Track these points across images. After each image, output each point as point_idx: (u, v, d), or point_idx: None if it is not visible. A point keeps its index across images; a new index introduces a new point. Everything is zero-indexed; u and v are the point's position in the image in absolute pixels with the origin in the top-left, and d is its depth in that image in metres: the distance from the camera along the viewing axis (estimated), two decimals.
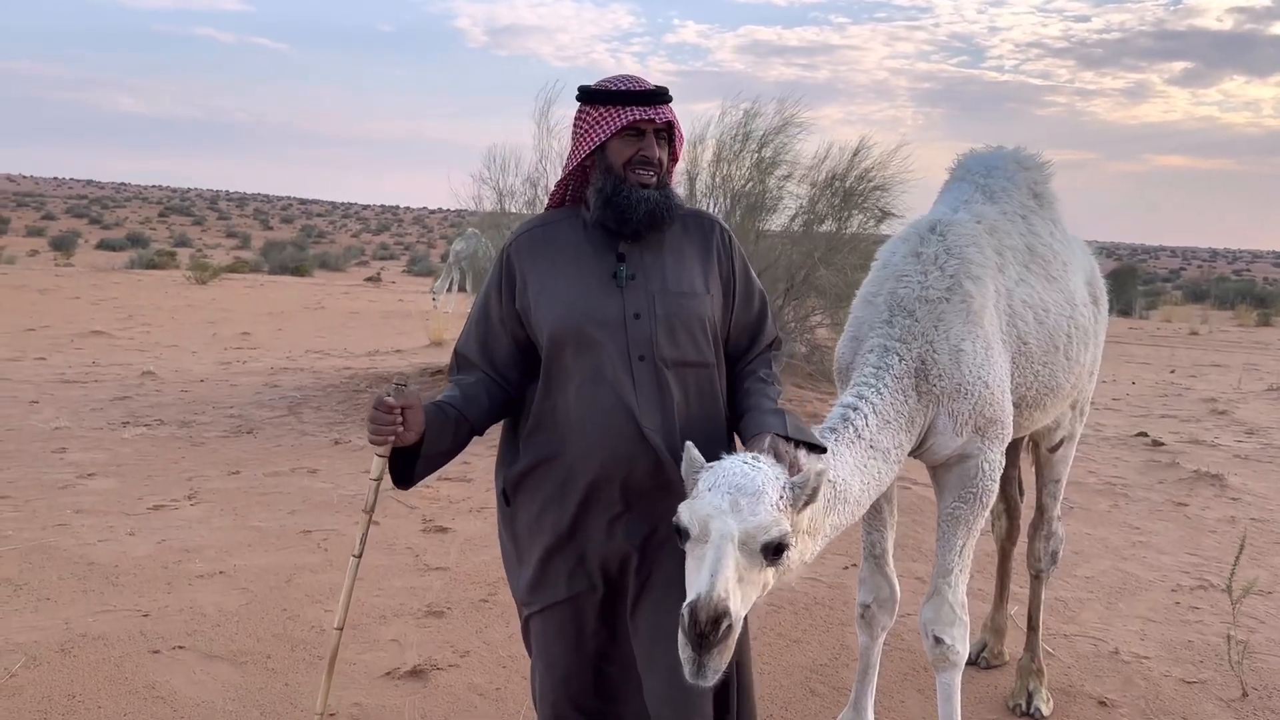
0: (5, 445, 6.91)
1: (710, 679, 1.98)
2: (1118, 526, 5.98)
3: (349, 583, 2.44)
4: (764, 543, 2.03)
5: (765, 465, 2.12)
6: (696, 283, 2.35)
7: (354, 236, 59.89)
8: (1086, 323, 3.27)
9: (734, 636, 1.98)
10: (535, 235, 2.42)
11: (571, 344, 2.29)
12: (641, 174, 2.32)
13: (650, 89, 2.33)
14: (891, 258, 3.00)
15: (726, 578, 1.96)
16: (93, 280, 20.46)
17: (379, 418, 2.22)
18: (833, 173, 8.73)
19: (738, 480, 2.07)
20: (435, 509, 5.69)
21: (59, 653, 3.74)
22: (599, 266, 2.34)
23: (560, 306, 2.31)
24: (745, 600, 2.04)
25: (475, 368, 2.42)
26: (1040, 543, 3.77)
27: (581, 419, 2.28)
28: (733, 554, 2.00)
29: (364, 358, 12.00)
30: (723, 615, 1.92)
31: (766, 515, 2.04)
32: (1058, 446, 3.67)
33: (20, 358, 10.89)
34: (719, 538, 2.01)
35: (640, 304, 2.31)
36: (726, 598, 1.94)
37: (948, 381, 2.75)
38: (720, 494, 2.06)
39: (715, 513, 2.04)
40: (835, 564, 5.01)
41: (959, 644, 2.85)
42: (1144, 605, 4.71)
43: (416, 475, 2.35)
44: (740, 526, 2.01)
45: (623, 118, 2.30)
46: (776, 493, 2.08)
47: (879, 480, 2.60)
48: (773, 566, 2.08)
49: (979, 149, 3.55)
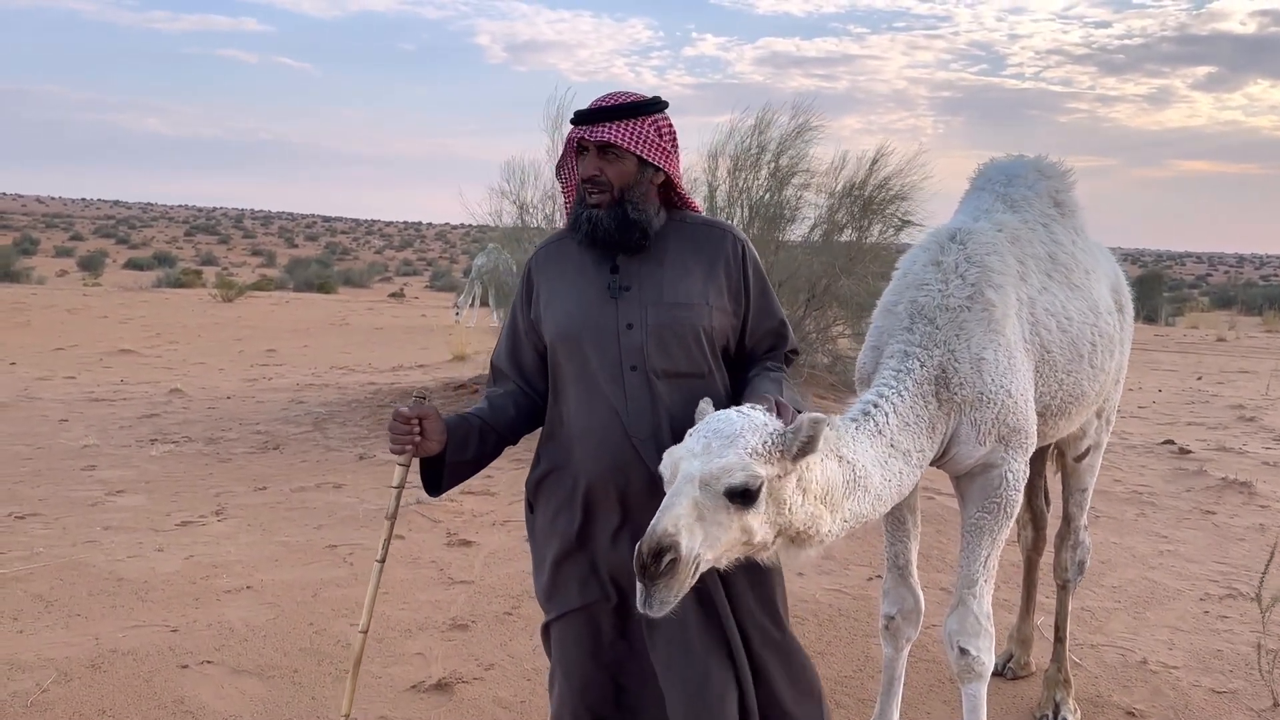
0: (36, 463, 7.00)
1: (656, 609, 2.04)
2: (1145, 535, 5.93)
3: (373, 587, 2.54)
4: (728, 485, 2.07)
5: (756, 414, 2.17)
6: (694, 293, 2.37)
7: (377, 253, 60.26)
8: (1111, 330, 3.25)
9: (682, 572, 2.03)
10: (552, 250, 2.51)
11: (567, 354, 2.37)
12: (590, 193, 2.37)
13: (590, 108, 2.35)
14: (912, 266, 3.00)
15: (676, 515, 2.02)
16: (120, 299, 20.68)
17: (397, 427, 2.32)
18: (851, 181, 8.72)
19: (718, 425, 2.14)
20: (459, 523, 5.71)
21: (89, 668, 3.78)
22: (596, 279, 2.40)
23: (561, 317, 2.38)
24: (710, 542, 2.07)
25: (507, 378, 2.51)
26: (1066, 552, 3.75)
27: (580, 428, 2.35)
28: (690, 494, 2.06)
29: (388, 373, 12.07)
30: (666, 549, 1.99)
31: (733, 459, 2.07)
32: (1083, 455, 3.65)
33: (50, 376, 11.02)
34: (681, 479, 2.08)
35: (633, 315, 2.35)
36: (674, 534, 2.00)
37: (969, 390, 2.75)
38: (697, 438, 2.13)
39: (686, 455, 2.11)
40: (859, 575, 5.00)
41: (984, 655, 2.84)
42: (1172, 614, 4.66)
43: (445, 483, 2.43)
44: (703, 469, 2.07)
45: (572, 137, 2.38)
46: (758, 438, 2.11)
47: (900, 481, 2.59)
48: (745, 512, 2.10)
49: (1000, 158, 3.54)
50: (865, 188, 8.72)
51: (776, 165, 8.54)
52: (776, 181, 8.56)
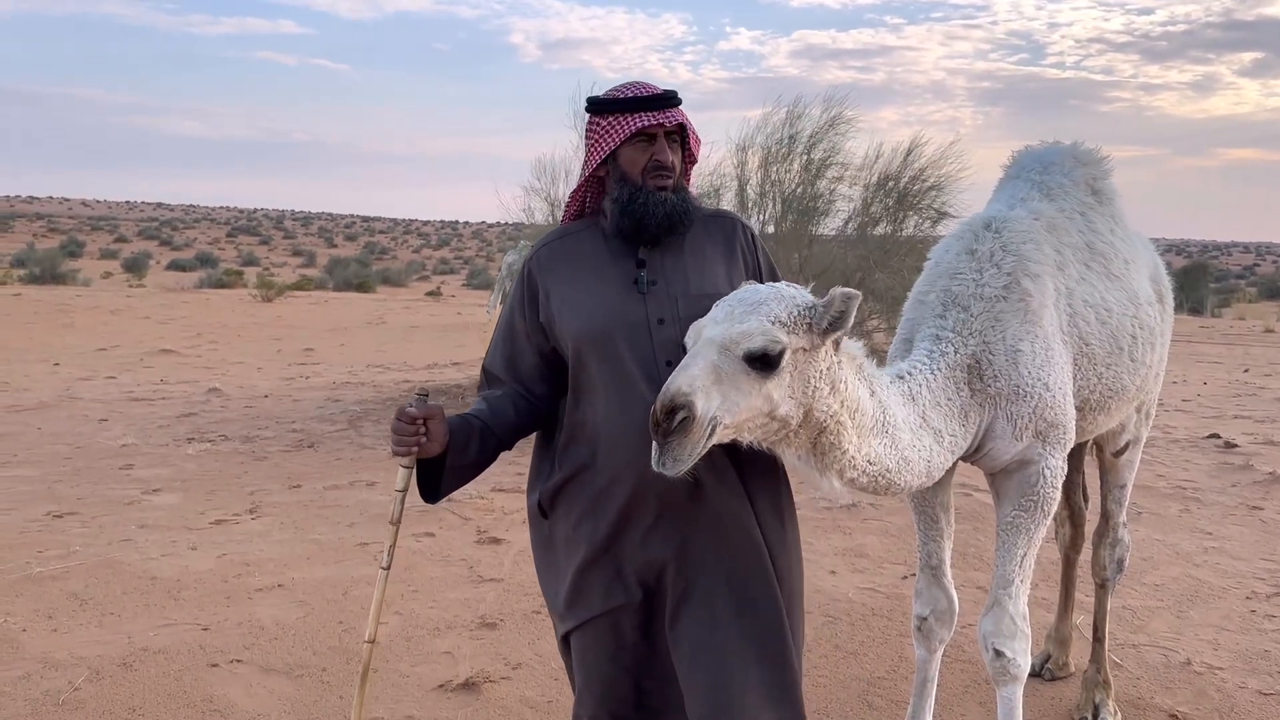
0: (75, 462, 7.09)
1: (670, 467, 2.02)
2: (1189, 531, 5.78)
3: (378, 595, 2.45)
4: (747, 350, 2.05)
5: (787, 287, 2.17)
6: (721, 284, 2.32)
7: (415, 252, 60.71)
8: (1152, 322, 3.15)
9: (695, 432, 2.00)
10: (555, 248, 2.41)
11: (596, 354, 2.27)
12: (658, 180, 2.30)
13: (658, 93, 2.31)
14: (945, 256, 2.92)
15: (693, 375, 2.01)
16: (162, 300, 20.96)
17: (401, 428, 2.24)
18: (885, 173, 8.60)
19: (744, 294, 2.15)
20: (489, 520, 5.70)
21: (121, 667, 3.80)
22: (619, 274, 2.32)
23: (583, 316, 2.29)
24: (729, 406, 2.04)
25: (502, 384, 2.42)
26: (1105, 551, 3.64)
27: (611, 430, 2.25)
28: (708, 356, 2.04)
29: (423, 370, 12.13)
30: (680, 407, 1.97)
31: (754, 323, 2.06)
32: (1123, 451, 3.54)
33: (92, 376, 11.18)
34: (702, 342, 2.08)
35: (664, 309, 2.28)
36: (688, 393, 1.98)
37: (1004, 383, 2.66)
38: (722, 306, 2.13)
39: (709, 322, 2.11)
40: (893, 573, 4.91)
41: (1020, 657, 2.75)
42: (1217, 613, 4.53)
43: (443, 489, 2.35)
44: (724, 333, 2.06)
45: (632, 124, 2.29)
46: (783, 307, 2.10)
47: (929, 458, 2.50)
48: (767, 380, 2.07)
49: (1034, 145, 3.45)
50: (900, 179, 8.61)
51: (809, 158, 8.45)
52: (809, 174, 8.46)
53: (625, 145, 2.31)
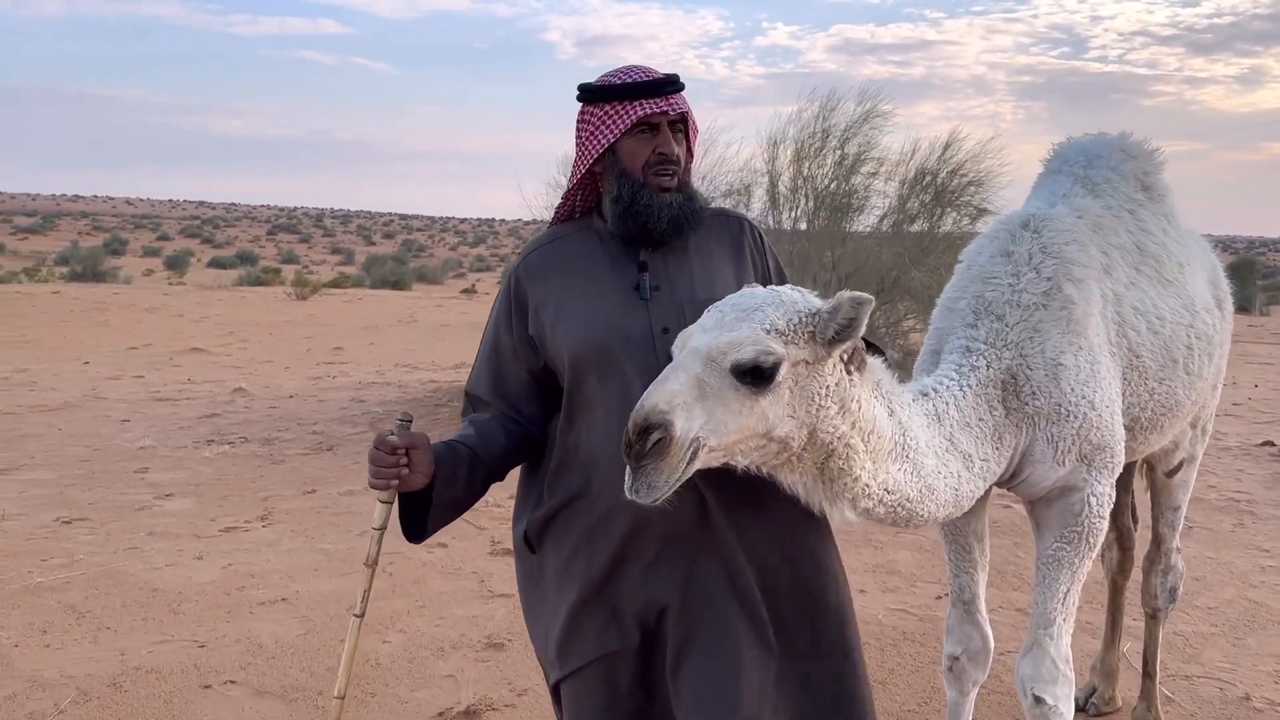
0: (91, 465, 6.99)
1: (643, 495, 1.80)
2: (1244, 549, 5.44)
3: (350, 646, 2.18)
4: (735, 362, 1.80)
5: (789, 291, 1.91)
6: (730, 288, 2.06)
7: (452, 250, 60.82)
8: (1209, 330, 2.85)
9: (673, 455, 1.77)
10: (545, 254, 2.17)
11: (595, 368, 2.03)
12: (662, 176, 2.06)
13: (660, 78, 2.07)
14: (977, 258, 2.65)
15: (671, 390, 1.79)
16: (198, 298, 21.02)
17: (380, 458, 1.98)
18: (922, 169, 8.30)
19: (738, 299, 1.90)
20: (504, 530, 5.49)
21: (110, 687, 3.64)
22: (619, 280, 2.08)
23: (579, 328, 2.05)
24: (715, 426, 1.80)
25: (488, 406, 2.17)
26: (1157, 578, 3.35)
27: (610, 454, 1.97)
28: (691, 370, 1.81)
29: (450, 370, 11.97)
30: (653, 426, 1.76)
31: (745, 332, 1.81)
32: (1176, 470, 3.24)
33: (120, 376, 11.14)
34: (686, 353, 1.85)
35: (668, 317, 2.04)
36: (666, 411, 1.76)
37: (1044, 400, 2.40)
38: (713, 313, 1.89)
39: (698, 330, 1.88)
40: (926, 593, 4.64)
41: (1062, 703, 2.48)
42: (1277, 641, 4.21)
43: (430, 526, 2.10)
44: (711, 342, 1.81)
45: (633, 113, 2.05)
46: (781, 314, 1.85)
47: (957, 486, 2.24)
48: (760, 397, 1.82)
49: (1078, 137, 3.16)
50: (938, 175, 8.30)
51: (843, 153, 8.17)
52: (843, 170, 8.18)
53: (625, 137, 2.07)
